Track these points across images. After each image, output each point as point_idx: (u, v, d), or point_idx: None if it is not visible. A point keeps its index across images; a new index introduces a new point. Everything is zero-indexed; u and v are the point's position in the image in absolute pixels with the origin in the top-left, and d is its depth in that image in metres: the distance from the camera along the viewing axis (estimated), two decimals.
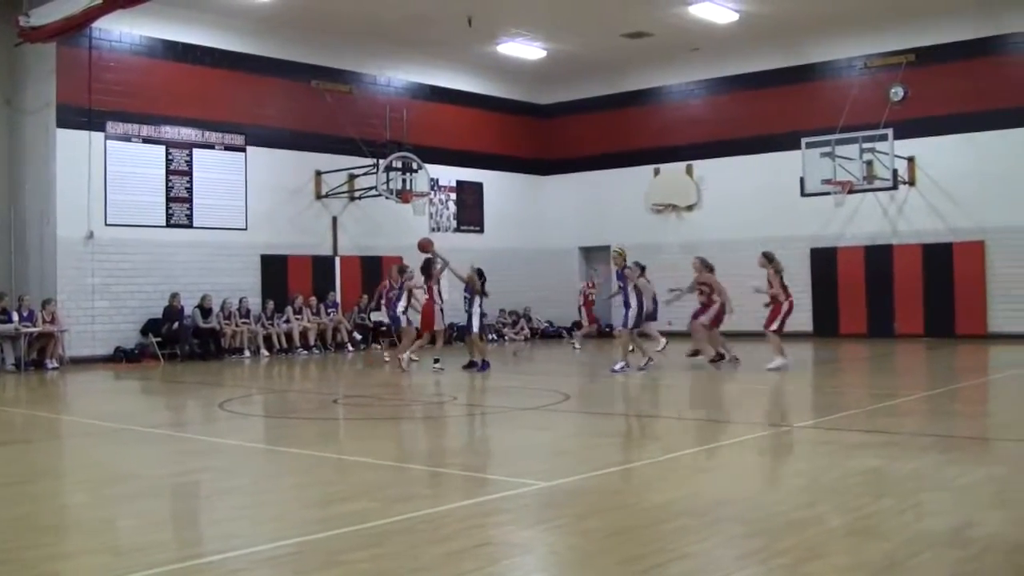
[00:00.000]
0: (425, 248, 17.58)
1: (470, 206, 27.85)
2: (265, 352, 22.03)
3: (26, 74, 20.76)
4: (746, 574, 4.99)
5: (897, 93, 23.32)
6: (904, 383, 15.54)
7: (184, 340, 20.84)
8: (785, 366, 15.66)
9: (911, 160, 23.32)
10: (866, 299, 23.98)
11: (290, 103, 23.79)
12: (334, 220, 24.50)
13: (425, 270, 17.46)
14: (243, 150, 22.86)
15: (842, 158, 22.71)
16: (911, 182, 23.44)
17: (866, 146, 22.59)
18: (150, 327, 20.80)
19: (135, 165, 21.00)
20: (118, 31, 20.74)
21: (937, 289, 22.98)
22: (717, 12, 22.69)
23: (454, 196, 27.42)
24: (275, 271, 23.16)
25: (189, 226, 21.80)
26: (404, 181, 23.94)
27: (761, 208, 25.25)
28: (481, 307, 17.22)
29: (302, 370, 19.21)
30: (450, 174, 27.17)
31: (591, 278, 24.65)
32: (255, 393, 15.59)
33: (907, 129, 22.78)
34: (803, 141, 23.52)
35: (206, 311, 21.23)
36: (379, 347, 23.21)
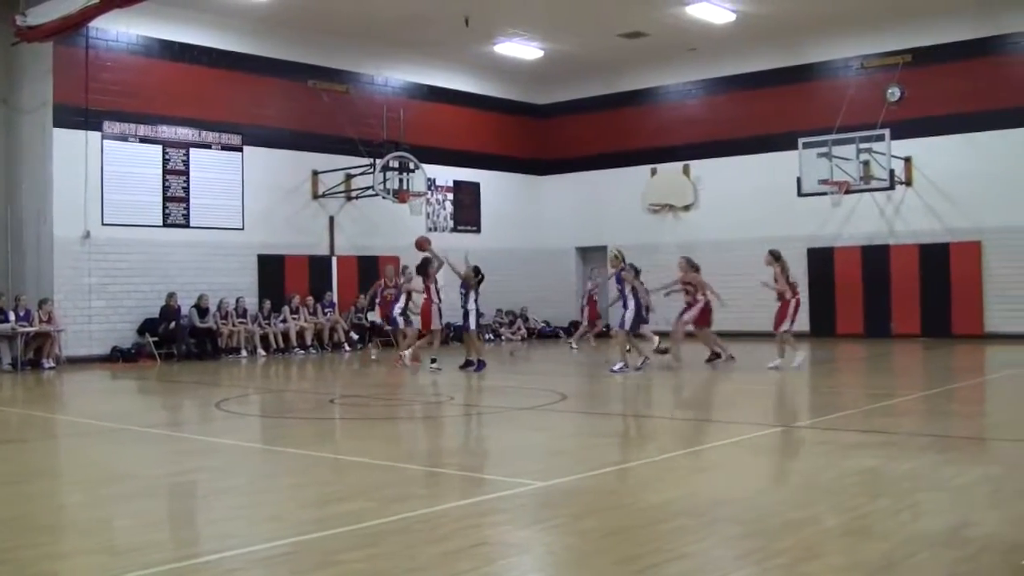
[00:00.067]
0: (422, 247, 17.60)
1: (467, 206, 27.84)
2: (262, 352, 22.01)
3: (23, 73, 20.74)
4: (743, 574, 4.99)
5: (894, 93, 23.36)
6: (901, 383, 15.56)
7: (181, 340, 20.84)
8: (805, 361, 15.86)
9: (908, 160, 23.35)
10: (863, 299, 24.00)
11: (287, 103, 23.78)
12: (331, 220, 24.49)
13: (422, 269, 17.46)
14: (240, 150, 22.85)
15: (839, 158, 22.74)
16: (908, 182, 23.47)
17: (863, 146, 22.62)
18: (147, 327, 20.79)
19: (132, 165, 20.99)
20: (115, 30, 20.73)
21: (934, 289, 22.99)
22: (714, 12, 22.70)
23: (451, 196, 27.41)
24: (272, 271, 23.14)
25: (186, 226, 21.79)
26: (401, 181, 23.95)
27: (758, 208, 25.26)
28: (477, 303, 17.21)
29: (299, 370, 19.20)
30: (447, 174, 27.16)
31: (593, 278, 24.64)
32: (252, 393, 15.58)
33: (904, 129, 22.81)
34: (800, 141, 23.55)
35: (203, 311, 21.22)
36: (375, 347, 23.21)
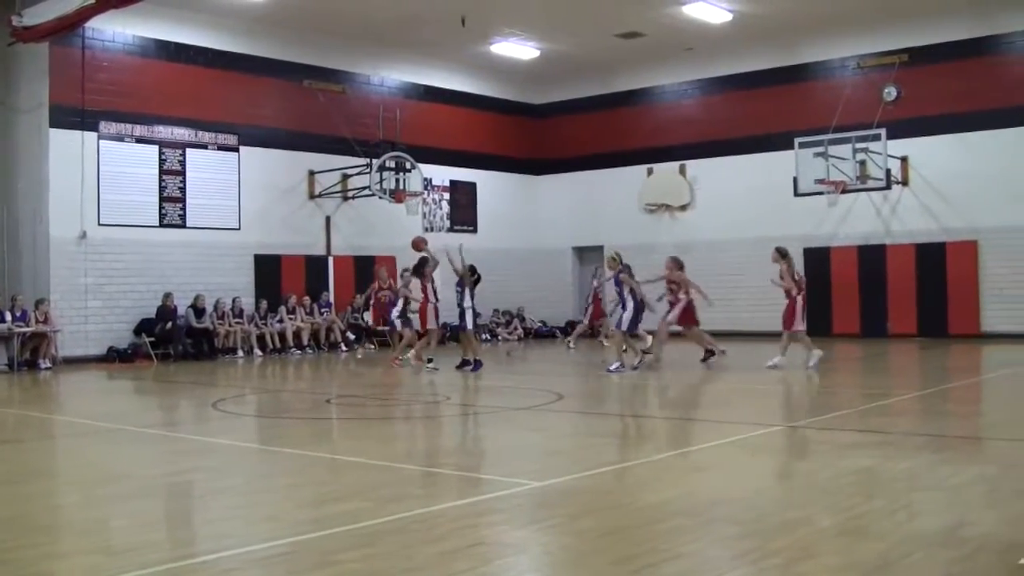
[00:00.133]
0: (418, 247, 17.61)
1: (463, 206, 27.83)
2: (258, 352, 22.00)
3: (19, 74, 20.70)
4: (739, 574, 4.99)
5: (890, 93, 23.37)
6: (897, 383, 15.56)
7: (177, 340, 20.82)
8: (820, 358, 15.82)
9: (904, 160, 23.36)
10: (859, 299, 24.02)
11: (283, 103, 23.77)
12: (327, 220, 24.47)
13: (418, 270, 17.46)
14: (236, 150, 22.83)
15: (835, 158, 22.73)
16: (904, 182, 23.48)
17: (859, 146, 22.61)
18: (143, 327, 20.77)
19: (128, 165, 20.97)
20: (111, 31, 20.71)
21: (930, 289, 23.01)
22: (711, 12, 22.71)
23: (447, 196, 27.39)
24: (268, 271, 23.13)
25: (182, 226, 21.77)
26: (397, 181, 23.93)
27: (754, 208, 25.27)
28: (473, 301, 17.16)
29: (295, 370, 19.19)
30: (443, 174, 27.16)
31: (597, 276, 24.58)
32: (248, 393, 15.58)
33: (900, 129, 22.81)
34: (796, 141, 23.51)
35: (199, 311, 21.20)
36: (371, 347, 23.20)
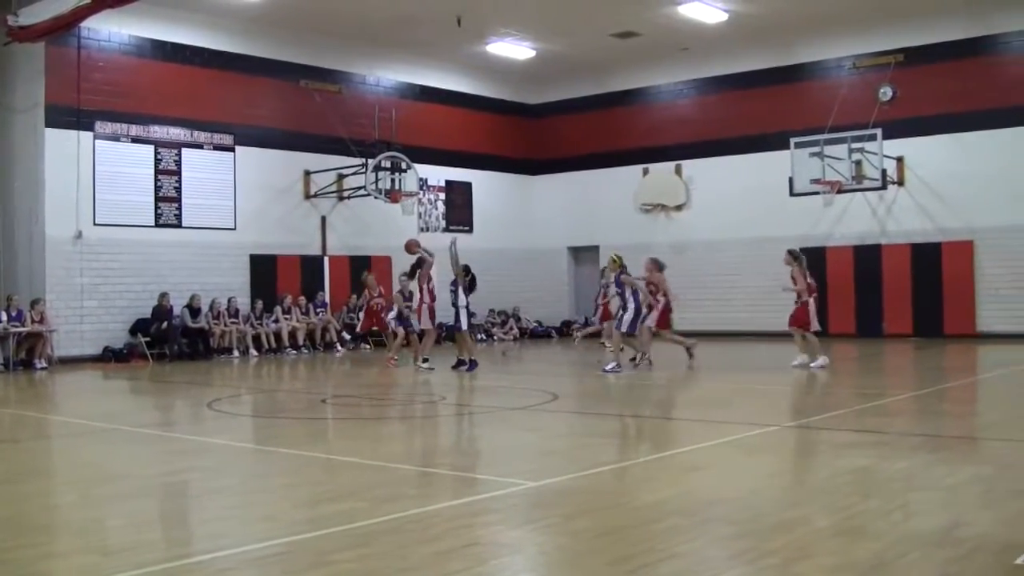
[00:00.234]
0: (411, 249, 17.61)
1: (459, 206, 27.82)
2: (254, 352, 21.99)
3: (15, 74, 20.66)
4: (735, 574, 5.00)
5: (886, 93, 23.39)
6: (893, 383, 15.58)
7: (173, 340, 20.80)
8: (824, 365, 15.80)
9: (900, 160, 23.38)
10: (855, 299, 24.03)
11: (279, 103, 23.75)
12: (323, 220, 24.45)
13: (414, 272, 17.46)
14: (232, 150, 22.81)
15: (831, 158, 22.74)
16: (900, 182, 23.51)
17: (855, 146, 22.64)
18: (139, 327, 20.75)
19: (124, 165, 20.95)
20: (107, 31, 20.69)
21: (926, 289, 23.03)
22: (706, 12, 22.71)
23: (443, 196, 27.38)
24: (264, 271, 23.11)
25: (178, 226, 21.75)
26: (393, 181, 23.94)
27: (750, 208, 25.29)
28: (467, 301, 17.10)
29: (291, 370, 19.18)
30: (439, 174, 27.14)
31: (605, 276, 24.52)
32: (244, 393, 15.58)
33: (896, 129, 22.84)
34: (792, 141, 23.54)
35: (195, 311, 21.18)
36: (367, 347, 23.26)
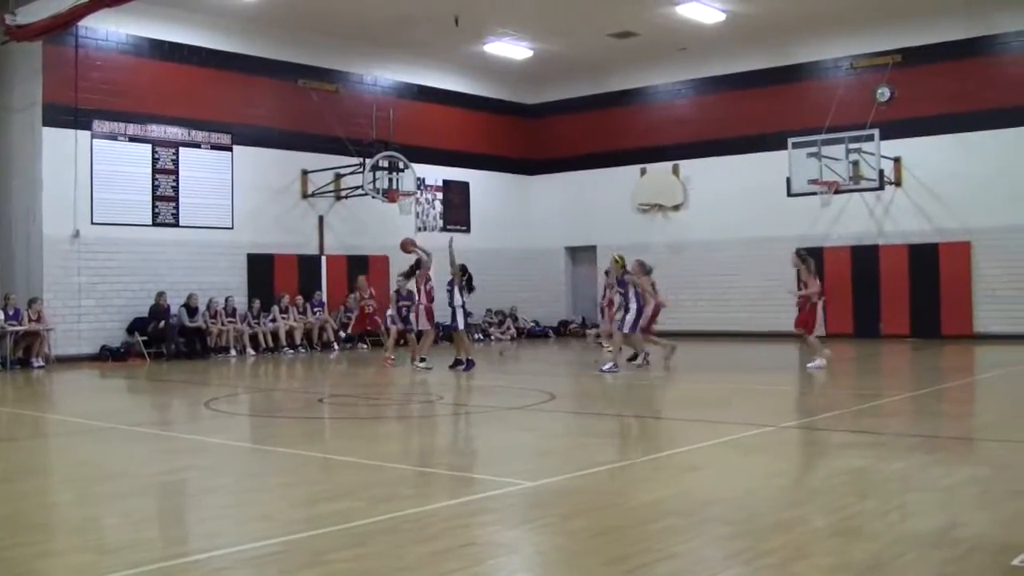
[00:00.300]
0: (407, 248, 17.61)
1: (456, 206, 27.80)
2: (251, 351, 21.98)
3: (12, 73, 20.65)
4: (732, 574, 5.00)
5: (883, 94, 23.40)
6: (890, 383, 15.59)
7: (170, 339, 20.79)
8: (823, 366, 15.83)
9: (897, 160, 23.39)
10: (852, 299, 24.03)
11: (276, 102, 23.74)
12: (320, 219, 24.44)
13: (412, 272, 17.45)
14: (229, 149, 22.79)
15: (828, 158, 22.77)
16: (897, 182, 23.51)
17: (852, 146, 22.66)
18: (136, 326, 20.74)
19: (121, 164, 20.93)
20: (104, 30, 20.67)
21: (923, 289, 23.04)
22: (704, 12, 22.71)
23: (440, 196, 27.37)
24: (261, 270, 23.09)
25: (175, 225, 21.73)
26: (390, 180, 23.93)
27: (748, 208, 25.29)
28: (464, 300, 17.08)
29: (288, 369, 19.17)
30: (436, 173, 27.13)
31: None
32: (241, 392, 15.56)
33: (893, 129, 22.85)
34: (790, 141, 23.56)
35: (192, 310, 21.18)
36: (364, 347, 23.27)
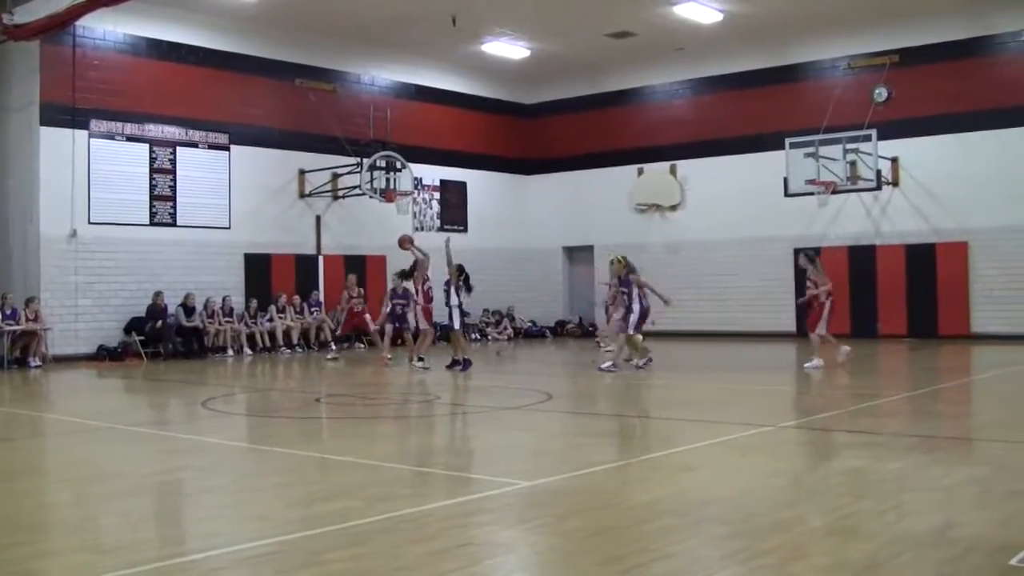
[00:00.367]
0: (404, 245, 17.62)
1: (454, 205, 27.80)
2: (248, 351, 21.96)
3: (10, 72, 20.64)
4: (728, 574, 5.00)
5: (881, 94, 23.43)
6: (887, 383, 15.58)
7: (167, 339, 20.77)
8: (820, 367, 15.80)
9: (895, 161, 23.40)
10: (849, 299, 23.99)
11: (274, 102, 23.72)
12: (318, 219, 24.43)
13: (411, 272, 17.45)
14: (227, 149, 22.78)
15: (826, 158, 22.78)
16: (895, 183, 23.52)
17: (850, 147, 22.68)
18: (133, 325, 20.72)
19: (119, 163, 20.92)
20: (102, 29, 20.65)
21: (920, 290, 23.05)
22: (701, 12, 22.71)
23: (438, 195, 27.37)
24: (258, 270, 23.08)
25: (173, 224, 21.72)
26: (388, 180, 23.92)
27: (745, 208, 25.30)
28: (461, 302, 17.08)
29: (285, 369, 19.16)
30: (434, 173, 27.12)
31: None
32: (238, 392, 15.54)
33: (891, 130, 22.87)
34: (787, 141, 23.59)
35: (189, 309, 21.17)
36: (362, 346, 23.28)
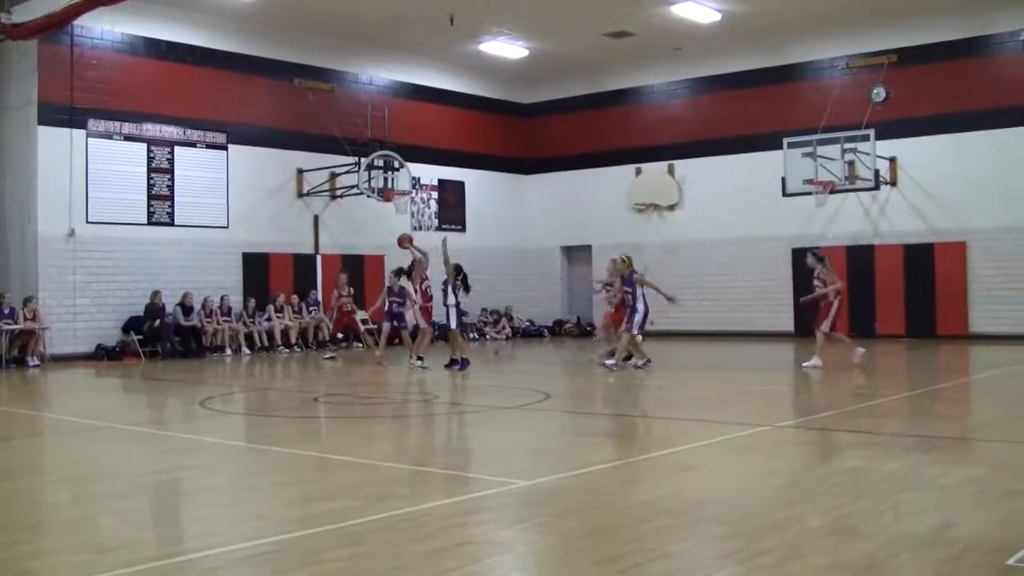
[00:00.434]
0: (403, 244, 17.63)
1: (452, 205, 27.80)
2: (246, 350, 21.97)
3: (8, 71, 20.63)
4: (726, 574, 4.99)
5: (879, 94, 23.44)
6: (885, 383, 15.57)
7: (165, 338, 20.77)
8: (818, 367, 15.80)
9: (893, 160, 23.41)
10: (847, 299, 23.98)
11: (272, 101, 23.72)
12: (316, 218, 24.43)
13: (409, 271, 17.45)
14: (225, 148, 22.77)
15: (824, 158, 22.78)
16: (893, 182, 23.53)
17: (848, 146, 22.67)
18: (131, 325, 20.71)
19: (117, 163, 20.91)
20: (100, 28, 20.64)
21: (918, 289, 23.06)
22: (699, 12, 22.73)
23: (436, 195, 27.37)
24: (256, 269, 23.08)
25: (171, 224, 21.71)
26: (386, 179, 23.93)
27: (743, 208, 25.30)
28: (458, 301, 17.07)
29: (283, 368, 19.16)
30: (432, 173, 27.13)
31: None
32: (236, 391, 15.54)
33: (889, 130, 22.87)
34: (785, 141, 23.56)
35: (187, 309, 21.17)
36: (360, 346, 23.28)
